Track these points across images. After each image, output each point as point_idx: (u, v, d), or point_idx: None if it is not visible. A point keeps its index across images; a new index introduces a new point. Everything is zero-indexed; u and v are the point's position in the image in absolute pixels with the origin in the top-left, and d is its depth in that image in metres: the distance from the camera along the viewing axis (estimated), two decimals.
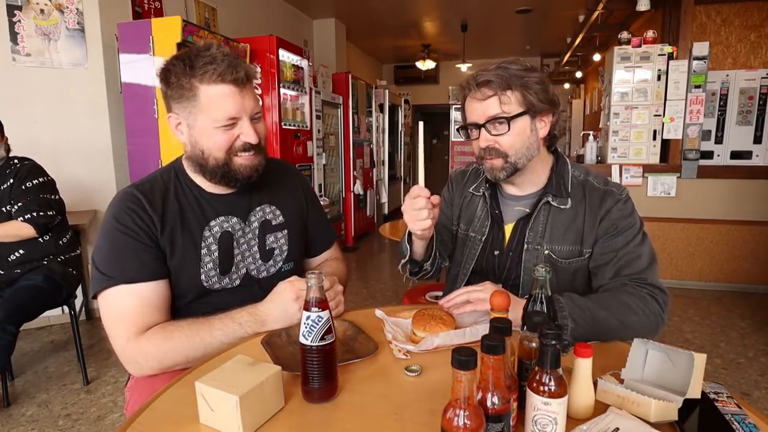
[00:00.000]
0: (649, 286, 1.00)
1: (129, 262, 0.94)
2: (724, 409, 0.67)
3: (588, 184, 1.12)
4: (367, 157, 5.83)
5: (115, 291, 0.92)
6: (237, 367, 0.71)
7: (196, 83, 0.94)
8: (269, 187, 1.14)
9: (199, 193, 1.06)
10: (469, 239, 1.24)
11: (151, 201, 0.99)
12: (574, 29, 5.39)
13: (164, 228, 0.99)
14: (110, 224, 0.96)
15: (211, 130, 0.96)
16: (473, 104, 1.08)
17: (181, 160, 1.08)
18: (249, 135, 0.98)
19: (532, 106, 1.05)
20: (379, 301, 3.55)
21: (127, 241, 0.95)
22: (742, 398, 0.74)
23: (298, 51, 4.11)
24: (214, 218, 1.05)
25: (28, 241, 1.98)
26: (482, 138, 1.08)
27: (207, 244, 1.03)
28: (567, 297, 0.94)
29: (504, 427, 0.57)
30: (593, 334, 0.92)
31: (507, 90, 1.03)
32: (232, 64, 0.94)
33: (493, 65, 1.06)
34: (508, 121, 1.04)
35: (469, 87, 1.08)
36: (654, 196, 3.67)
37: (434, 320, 0.95)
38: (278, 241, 1.14)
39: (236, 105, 0.95)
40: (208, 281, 1.03)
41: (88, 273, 3.00)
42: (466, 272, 1.24)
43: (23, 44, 2.78)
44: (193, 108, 0.96)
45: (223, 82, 0.94)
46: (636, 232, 1.06)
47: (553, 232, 1.11)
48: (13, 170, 2.00)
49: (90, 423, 1.94)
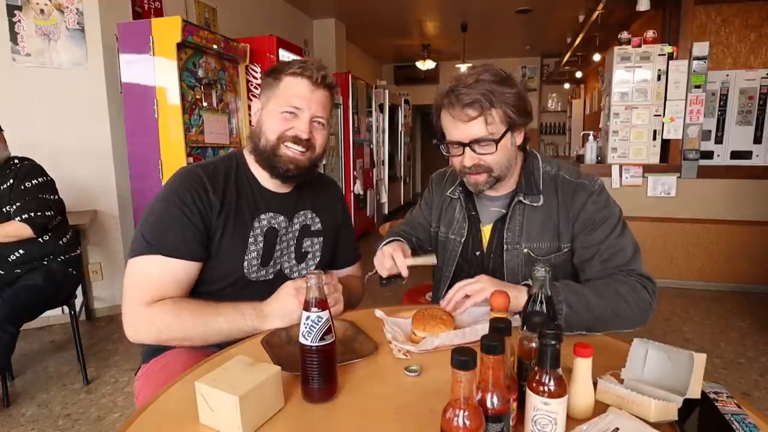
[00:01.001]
0: (638, 275, 1.02)
1: (174, 236, 0.98)
2: (724, 409, 0.67)
3: (560, 178, 1.13)
4: (367, 157, 5.83)
5: (150, 259, 0.96)
6: (237, 367, 0.71)
7: (282, 75, 1.06)
8: (314, 196, 1.20)
9: (255, 185, 1.12)
10: (450, 241, 1.26)
11: (214, 184, 1.04)
12: (574, 29, 5.39)
13: (221, 213, 1.04)
14: (169, 196, 1.01)
15: (274, 112, 1.05)
16: (456, 124, 1.05)
17: (243, 151, 1.15)
18: (301, 128, 1.05)
19: (512, 122, 1.05)
20: (379, 302, 3.54)
21: (179, 216, 0.99)
22: (742, 398, 0.74)
23: (298, 51, 4.11)
24: (265, 212, 1.11)
25: (29, 241, 1.98)
26: (467, 157, 1.07)
27: (255, 235, 1.08)
28: (563, 283, 0.98)
29: (504, 427, 0.57)
30: (586, 320, 0.94)
31: (491, 109, 1.02)
32: (316, 67, 1.06)
33: (470, 78, 1.03)
34: (495, 143, 1.04)
35: (451, 104, 1.05)
36: (654, 196, 3.67)
37: (434, 320, 0.95)
38: (313, 246, 1.20)
39: (303, 98, 1.05)
40: (249, 269, 1.07)
41: (88, 273, 3.00)
42: (449, 274, 1.26)
43: (23, 44, 2.78)
44: (271, 93, 1.07)
45: (300, 76, 1.04)
46: (615, 223, 1.07)
47: (530, 231, 1.12)
48: (13, 170, 1.99)
49: (90, 423, 1.94)
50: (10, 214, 1.96)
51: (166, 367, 0.97)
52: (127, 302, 0.96)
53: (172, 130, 2.76)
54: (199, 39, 2.81)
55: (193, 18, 3.79)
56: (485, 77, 1.02)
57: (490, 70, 1.04)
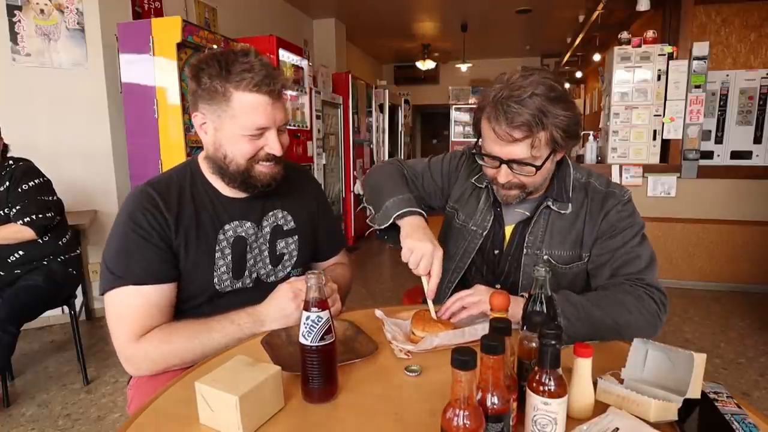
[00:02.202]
0: (646, 285, 0.98)
1: (138, 262, 0.93)
2: (724, 409, 0.67)
3: (590, 186, 1.10)
4: (367, 157, 5.83)
5: (121, 291, 0.92)
6: (237, 367, 0.71)
7: (230, 88, 0.92)
8: (282, 193, 1.12)
9: (215, 195, 1.05)
10: (469, 232, 1.19)
11: (167, 201, 0.98)
12: (574, 29, 5.39)
13: (179, 230, 0.98)
14: (123, 222, 0.96)
15: (237, 136, 0.96)
16: (497, 140, 0.96)
17: (197, 160, 1.07)
18: (274, 147, 0.98)
19: (558, 145, 0.97)
20: (379, 301, 3.55)
21: (138, 241, 0.94)
22: (742, 398, 0.74)
23: (298, 51, 4.11)
24: (229, 222, 1.05)
25: (28, 242, 1.97)
26: (503, 174, 1.00)
27: (221, 248, 1.03)
28: (561, 295, 0.94)
29: (504, 427, 0.57)
30: (588, 332, 0.91)
31: (540, 131, 0.93)
32: (270, 75, 0.94)
33: (525, 90, 0.91)
34: (537, 168, 0.97)
35: (496, 119, 0.94)
36: (654, 196, 3.67)
37: (433, 320, 0.95)
38: (288, 247, 1.14)
39: (267, 116, 0.95)
40: (220, 284, 1.03)
41: (88, 273, 3.00)
42: (463, 266, 1.19)
43: (23, 44, 2.78)
44: (222, 112, 0.95)
45: (258, 92, 0.93)
46: (635, 233, 1.04)
47: (552, 237, 1.09)
48: (8, 172, 1.97)
49: (90, 423, 1.94)
50: (9, 216, 1.94)
51: (155, 375, 0.95)
52: (116, 341, 0.93)
53: (172, 130, 2.76)
54: (199, 39, 2.81)
55: (193, 18, 3.79)
56: (540, 91, 0.92)
57: (546, 81, 0.93)
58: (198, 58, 0.97)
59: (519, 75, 0.95)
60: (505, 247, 1.16)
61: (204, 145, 1.03)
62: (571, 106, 0.96)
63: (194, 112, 0.99)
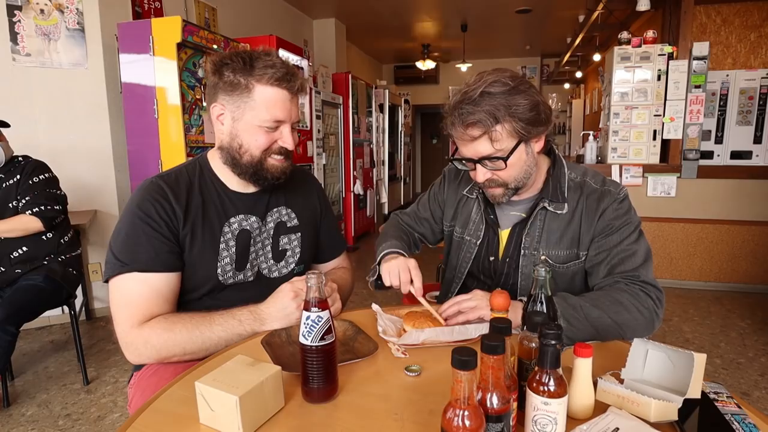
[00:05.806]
0: (641, 282, 0.99)
1: (144, 250, 0.96)
2: (724, 409, 0.67)
3: (586, 185, 1.11)
4: (367, 157, 5.83)
5: (127, 277, 0.94)
6: (237, 367, 0.71)
7: (253, 81, 0.98)
8: (287, 191, 1.17)
9: (222, 189, 1.09)
10: (465, 242, 1.23)
11: (176, 193, 1.02)
12: (574, 29, 5.38)
13: (186, 221, 1.01)
14: (132, 212, 0.99)
15: (255, 127, 1.00)
16: (462, 142, 1.02)
17: (206, 156, 1.11)
18: (288, 141, 1.03)
19: (524, 134, 0.98)
20: (379, 302, 3.54)
21: (146, 230, 0.97)
22: (742, 398, 0.74)
23: (298, 51, 4.11)
24: (234, 215, 1.08)
25: (33, 238, 2.00)
26: (479, 173, 1.04)
27: (225, 240, 1.06)
28: (560, 296, 0.95)
29: (504, 427, 0.57)
30: (588, 333, 0.92)
31: (496, 125, 0.96)
32: (291, 72, 1.00)
33: (476, 90, 0.96)
34: (504, 160, 0.99)
35: (452, 124, 1.00)
36: (654, 196, 3.67)
37: (424, 317, 0.96)
38: (291, 243, 1.17)
39: (285, 110, 1.00)
40: (223, 275, 1.05)
41: (88, 273, 3.00)
42: (461, 276, 1.23)
43: (23, 44, 2.78)
44: (243, 103, 0.99)
45: (279, 86, 0.98)
46: (631, 230, 1.05)
47: (549, 237, 1.10)
48: (19, 167, 2.04)
49: (90, 423, 1.94)
50: (17, 209, 1.99)
51: (156, 374, 0.97)
52: (118, 326, 0.94)
53: (172, 130, 2.76)
54: (199, 39, 2.81)
55: (193, 18, 3.79)
56: (494, 89, 0.95)
57: (500, 78, 0.96)
58: (220, 55, 1.02)
59: (473, 79, 1.00)
60: (501, 252, 1.17)
61: (217, 136, 1.06)
62: (528, 94, 0.97)
63: (213, 103, 1.03)
